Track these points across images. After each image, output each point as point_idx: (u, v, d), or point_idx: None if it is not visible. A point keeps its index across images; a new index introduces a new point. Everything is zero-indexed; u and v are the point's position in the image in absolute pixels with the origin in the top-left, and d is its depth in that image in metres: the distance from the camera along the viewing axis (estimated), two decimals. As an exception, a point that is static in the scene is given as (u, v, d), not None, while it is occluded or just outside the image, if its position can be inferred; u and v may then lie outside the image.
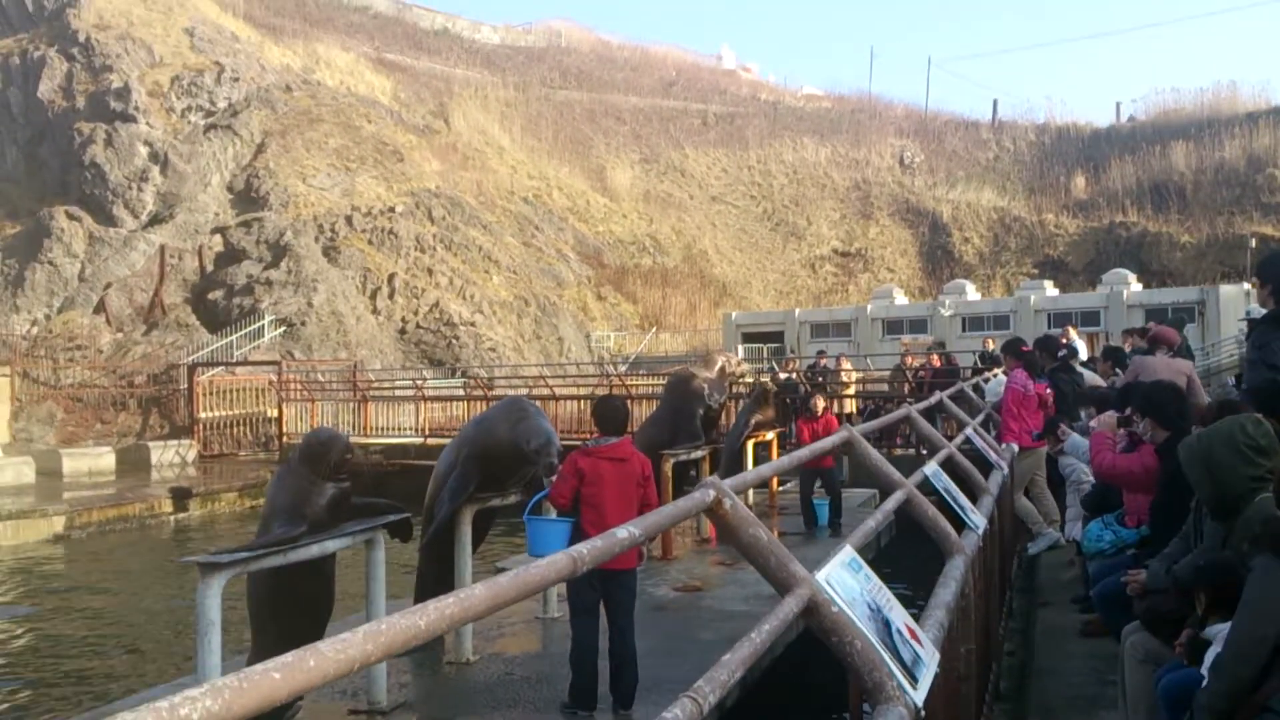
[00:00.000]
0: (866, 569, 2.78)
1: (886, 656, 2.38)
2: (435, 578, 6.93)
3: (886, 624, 2.58)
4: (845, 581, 2.56)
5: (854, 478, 14.93)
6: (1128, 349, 10.83)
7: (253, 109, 39.66)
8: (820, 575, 2.46)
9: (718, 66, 74.59)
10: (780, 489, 13.40)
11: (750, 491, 12.48)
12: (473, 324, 35.29)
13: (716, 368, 11.28)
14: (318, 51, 50.06)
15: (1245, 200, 45.16)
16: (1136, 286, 35.18)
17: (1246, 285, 31.99)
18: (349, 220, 36.89)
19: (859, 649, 2.33)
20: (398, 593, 7.30)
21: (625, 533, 1.95)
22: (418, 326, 34.74)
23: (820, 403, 11.45)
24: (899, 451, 15.51)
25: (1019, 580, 8.52)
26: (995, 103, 63.79)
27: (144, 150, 35.39)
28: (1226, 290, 32.38)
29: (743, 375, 12.11)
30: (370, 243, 36.56)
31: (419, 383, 24.57)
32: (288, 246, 33.90)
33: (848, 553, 2.76)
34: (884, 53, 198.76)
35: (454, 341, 34.22)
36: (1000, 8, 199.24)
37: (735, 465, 11.87)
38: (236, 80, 40.24)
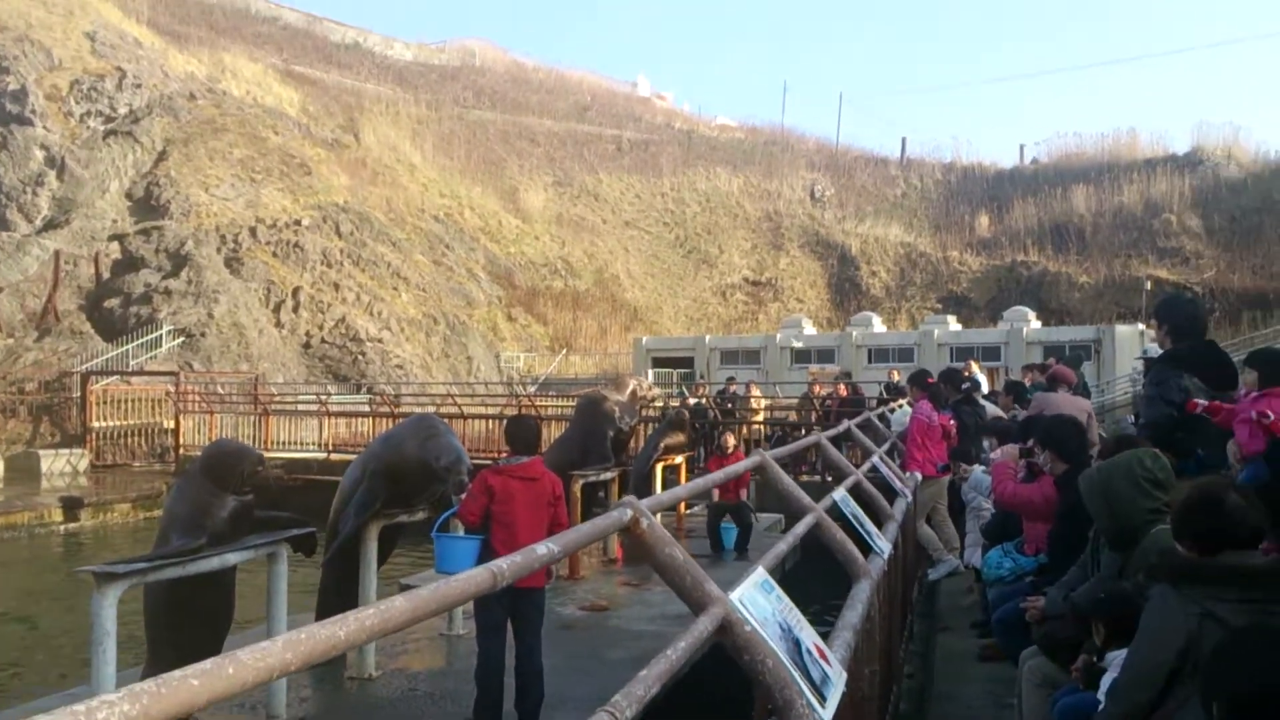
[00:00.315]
0: (778, 590, 2.80)
1: (797, 675, 2.40)
2: (338, 593, 6.77)
3: (797, 644, 2.60)
4: (758, 601, 2.57)
5: (759, 502, 15.08)
6: (1028, 384, 11.16)
7: (155, 116, 38.64)
8: (734, 595, 2.47)
9: (633, 93, 75.24)
10: (687, 511, 13.44)
11: (659, 515, 12.51)
12: (380, 340, 34.78)
13: (628, 391, 11.31)
14: (224, 60, 49.06)
15: (1142, 244, 47.10)
16: (1036, 324, 36.35)
17: (1141, 325, 33.30)
18: (253, 232, 36.11)
19: (770, 667, 2.34)
20: (296, 609, 7.10)
21: (544, 549, 1.93)
22: (323, 341, 34.10)
23: (731, 441, 11.58)
24: (805, 478, 15.68)
25: (920, 605, 8.68)
26: (904, 140, 65.39)
27: (40, 154, 34.19)
28: (1122, 330, 33.66)
29: (653, 399, 12.14)
30: (275, 255, 35.83)
31: (323, 398, 24.08)
32: (188, 256, 33.01)
33: (760, 574, 2.77)
34: (797, 86, 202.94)
35: (360, 358, 33.67)
36: (911, 48, 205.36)
37: (644, 488, 11.85)
38: (139, 87, 39.18)
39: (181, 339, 30.46)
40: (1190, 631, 2.79)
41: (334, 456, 20.19)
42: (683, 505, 13.10)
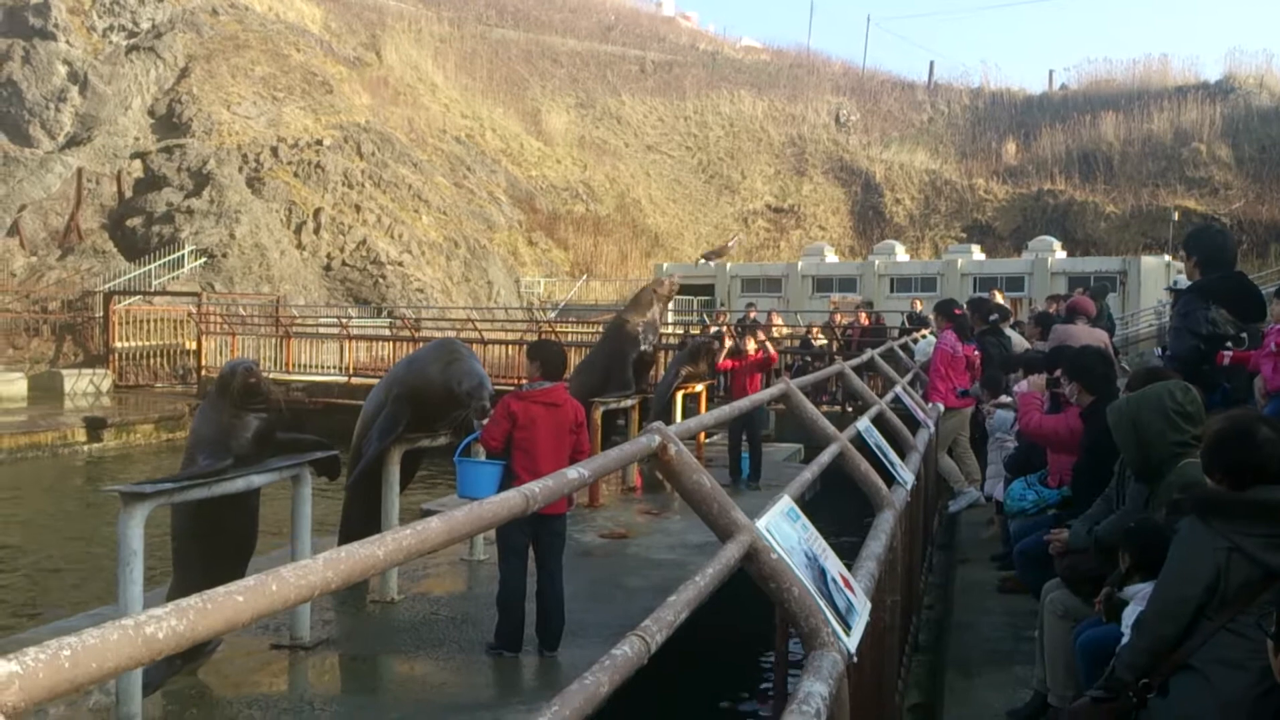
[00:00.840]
0: (804, 519, 2.80)
1: (822, 604, 2.40)
2: (361, 517, 6.85)
3: (822, 572, 2.60)
4: (784, 530, 2.56)
5: (779, 432, 15.11)
6: (1054, 313, 11.06)
7: (177, 31, 38.20)
8: (761, 523, 2.46)
9: (657, 13, 73.83)
10: (707, 440, 13.48)
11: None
12: (400, 264, 34.76)
13: (651, 311, 11.12)
14: (246, -26, 48.31)
15: (1170, 174, 46.28)
16: (1061, 254, 35.92)
17: (1168, 257, 32.83)
18: (274, 151, 35.91)
19: (796, 595, 2.34)
20: (317, 534, 7.19)
21: (575, 473, 1.92)
22: (344, 264, 34.10)
23: (752, 343, 11.42)
24: (825, 409, 15.69)
25: (940, 537, 8.71)
26: (931, 65, 64.21)
27: (63, 69, 33.91)
28: (1148, 261, 33.23)
29: (673, 289, 11.82)
30: (296, 175, 35.67)
31: (344, 321, 24.17)
32: (210, 175, 32.91)
33: (786, 502, 2.76)
34: (823, 8, 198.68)
35: (380, 281, 33.69)
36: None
37: (664, 415, 11.88)
38: (161, 1, 38.67)
39: (204, 259, 30.53)
40: (1218, 565, 2.78)
41: (354, 380, 20.29)
42: (702, 434, 13.14)
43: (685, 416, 12.71)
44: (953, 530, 8.92)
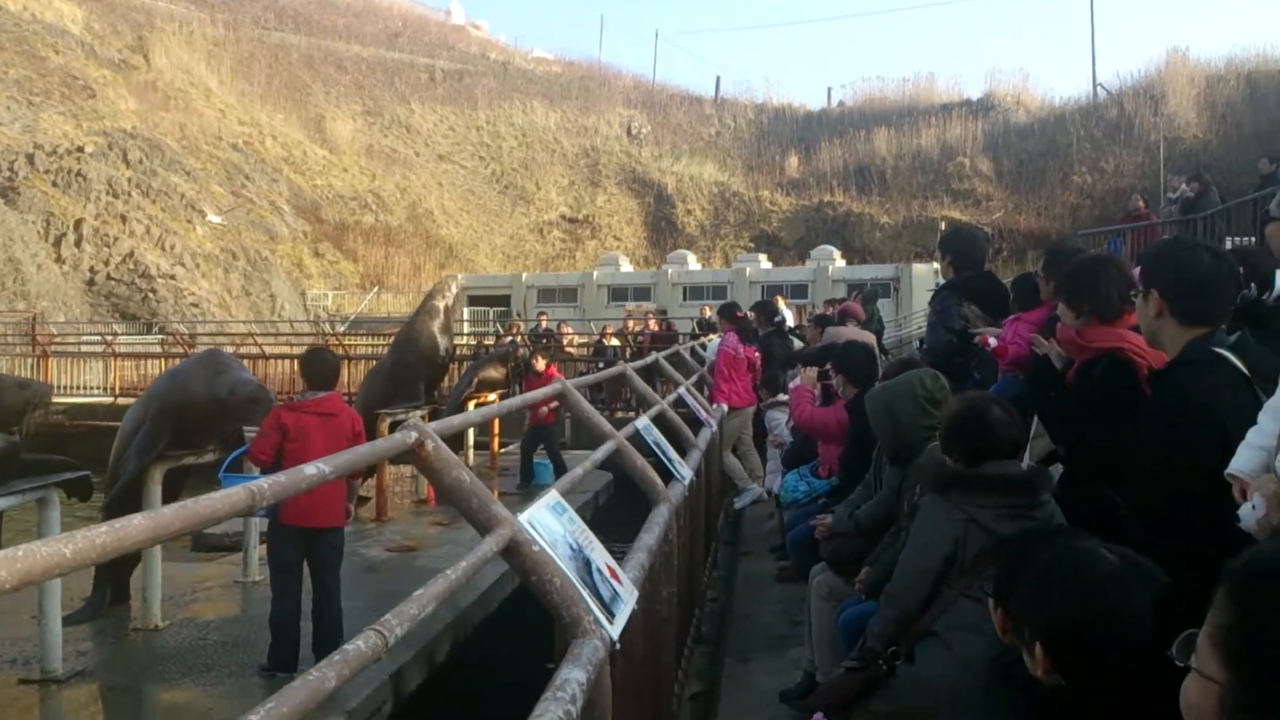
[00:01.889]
0: (571, 512, 2.80)
1: (585, 593, 2.41)
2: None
3: (587, 563, 2.61)
4: (548, 523, 2.56)
5: (575, 439, 15.17)
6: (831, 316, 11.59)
7: (-83, 29, 34.92)
8: (523, 516, 2.45)
9: (446, 20, 72.97)
10: (502, 450, 13.38)
11: (471, 453, 12.38)
12: (172, 277, 32.85)
13: (440, 311, 10.73)
14: (-4, -28, 44.64)
15: (938, 186, 49.42)
16: (841, 262, 37.76)
17: (936, 264, 35.08)
18: (30, 159, 33.32)
19: (558, 586, 2.34)
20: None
21: (314, 469, 1.84)
22: (109, 278, 31.93)
23: (540, 361, 11.45)
24: (620, 414, 15.88)
25: (725, 533, 8.95)
26: (718, 80, 66.23)
27: None
28: (919, 268, 35.34)
29: (460, 292, 11.39)
30: (55, 185, 33.19)
31: (109, 338, 22.60)
32: (-45, 184, 30.19)
33: (552, 496, 2.76)
34: (613, 21, 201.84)
35: (150, 295, 31.74)
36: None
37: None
38: (-104, -4, 35.29)
39: (-52, 275, 27.93)
40: (956, 537, 2.97)
41: (121, 400, 19.08)
42: (495, 443, 13.03)
43: (477, 428, 12.58)
44: (738, 526, 9.19)
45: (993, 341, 4.85)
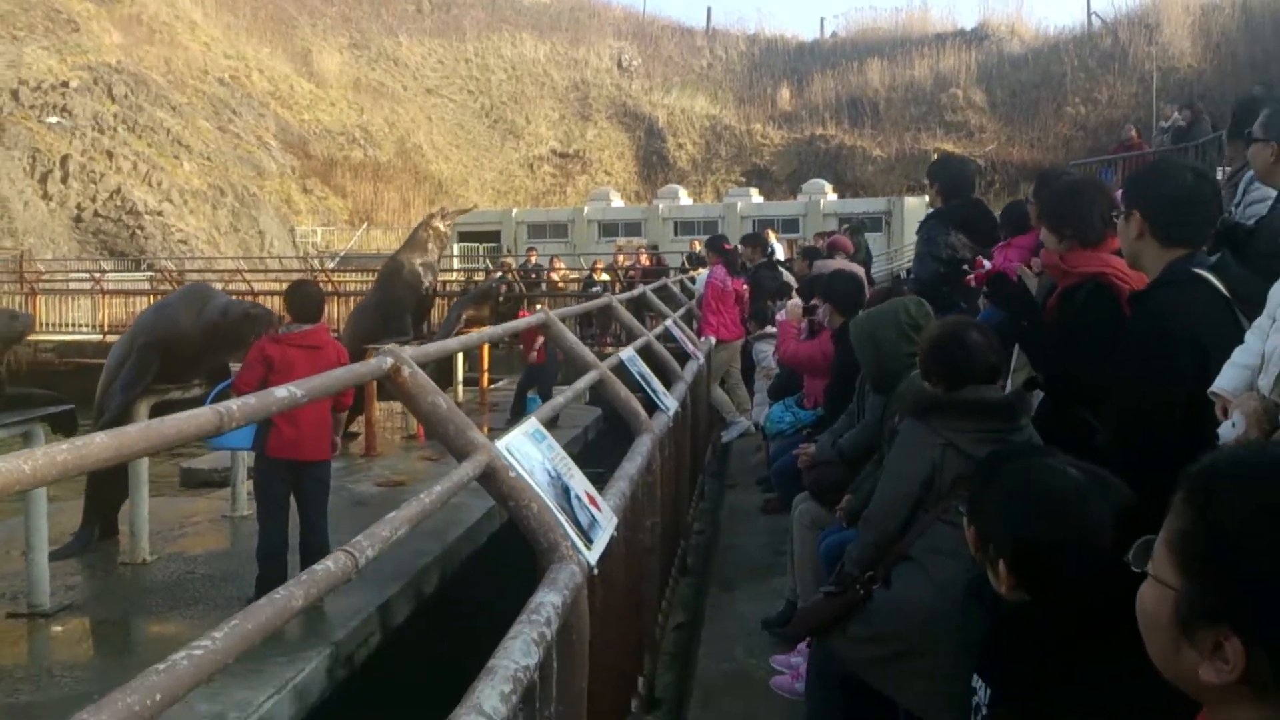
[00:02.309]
0: (550, 439, 2.80)
1: (563, 519, 2.42)
2: (108, 478, 6.41)
3: (566, 490, 2.62)
4: (526, 450, 2.56)
5: (567, 377, 15.18)
6: (820, 248, 11.55)
7: (-108, -39, 34.18)
8: (501, 443, 2.45)
9: (434, -49, 71.50)
10: (491, 386, 13.40)
11: (460, 390, 12.39)
12: (160, 213, 32.60)
13: (426, 244, 10.66)
14: (-28, -101, 43.53)
15: (930, 118, 48.98)
16: (832, 196, 37.52)
17: (927, 197, 34.90)
18: (15, 95, 32.87)
19: (535, 511, 2.35)
20: (59, 494, 6.70)
21: (284, 392, 1.84)
22: (96, 215, 31.68)
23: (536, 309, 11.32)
24: (611, 350, 15.85)
25: (712, 466, 9.00)
26: (709, 10, 65.16)
27: None
28: (911, 201, 35.12)
29: (449, 226, 11.25)
30: (40, 121, 32.72)
31: (97, 276, 22.47)
32: (-64, 119, 29.78)
33: (531, 423, 2.76)
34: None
35: (138, 232, 31.53)
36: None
37: (446, 363, 11.71)
38: None
39: (-69, 212, 27.68)
40: (934, 462, 2.98)
41: (109, 338, 18.98)
42: (484, 378, 13.04)
43: (466, 364, 12.59)
44: (725, 459, 9.24)
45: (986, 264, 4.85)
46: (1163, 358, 2.54)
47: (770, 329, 8.29)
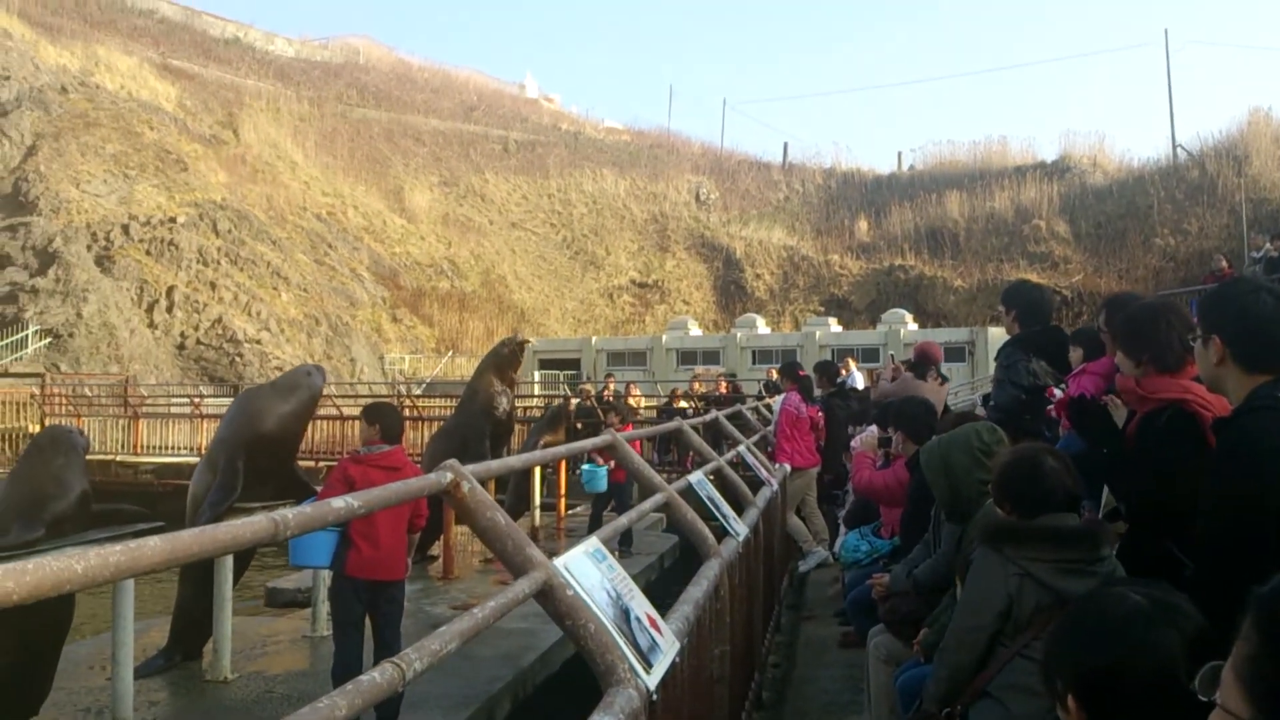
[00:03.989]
0: (611, 560, 2.78)
1: (621, 640, 2.37)
2: (193, 597, 6.52)
3: (626, 612, 2.58)
4: (585, 568, 2.54)
5: (642, 499, 15.09)
6: (888, 369, 11.38)
7: (24, 109, 36.97)
8: (559, 561, 2.44)
9: (520, 94, 74.77)
10: (569, 511, 13.37)
11: (538, 514, 12.39)
12: (258, 341, 33.81)
13: (498, 369, 10.69)
14: (98, 54, 47.10)
15: (1013, 248, 48.79)
16: (913, 326, 37.38)
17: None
18: (125, 229, 34.77)
19: (592, 631, 2.31)
20: (145, 612, 6.81)
21: (341, 503, 1.86)
22: (198, 342, 32.98)
23: (615, 420, 11.32)
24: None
25: (789, 597, 8.79)
26: (786, 145, 66.69)
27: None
28: (994, 332, 34.73)
29: (524, 346, 11.27)
30: (149, 253, 34.53)
31: (196, 400, 23.26)
32: (57, 254, 31.60)
33: (592, 542, 2.75)
34: (682, 92, 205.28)
35: (237, 359, 32.68)
36: (790, 55, 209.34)
37: (523, 484, 11.78)
38: (8, 79, 37.45)
39: (48, 340, 29.15)
40: (1010, 593, 2.87)
41: (206, 460, 19.52)
42: (562, 504, 13.03)
43: (545, 487, 12.62)
44: (802, 590, 9.02)
45: (1058, 393, 4.73)
46: (1254, 479, 2.44)
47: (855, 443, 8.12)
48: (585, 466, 10.80)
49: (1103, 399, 4.00)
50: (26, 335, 28.71)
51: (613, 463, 10.50)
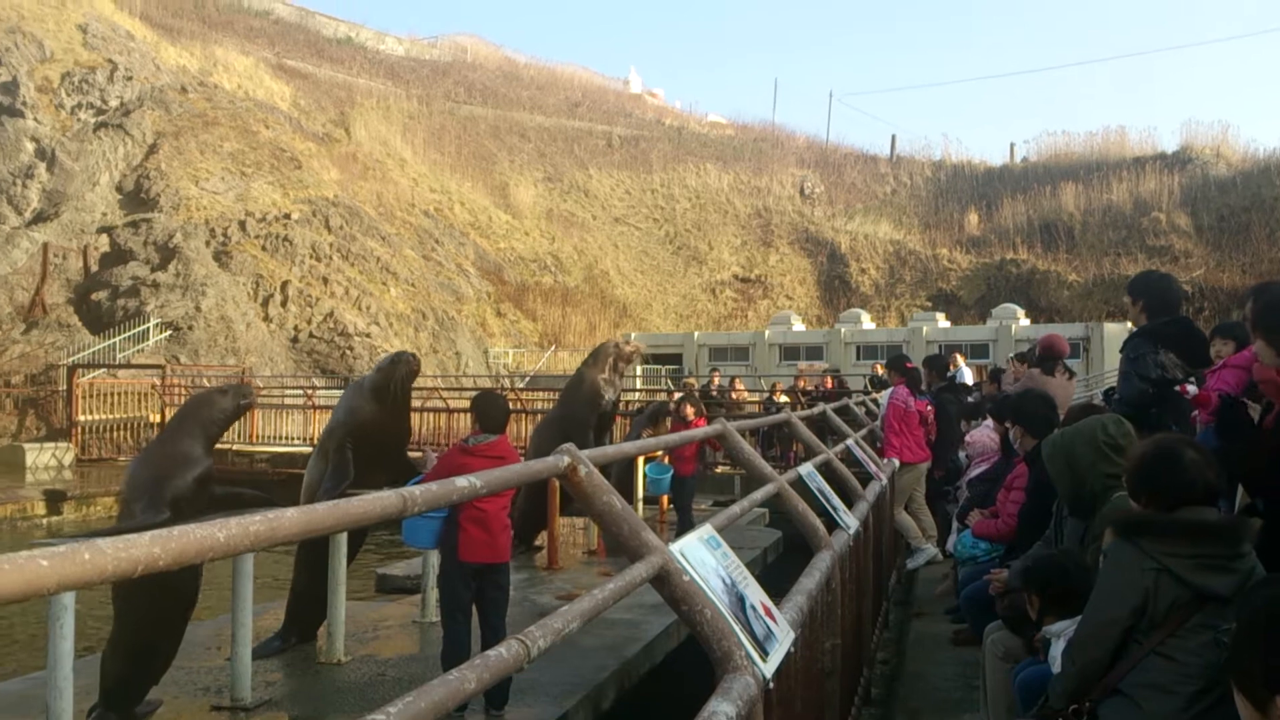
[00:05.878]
0: (725, 547, 2.75)
1: (737, 627, 2.34)
2: (308, 586, 6.71)
3: (741, 599, 2.55)
4: (700, 555, 2.52)
5: (747, 491, 15.02)
6: (1010, 371, 11.08)
7: (146, 109, 38.47)
8: (675, 546, 2.42)
9: (624, 90, 74.98)
10: (670, 506, 13.35)
11: (641, 507, 12.40)
12: (368, 335, 34.65)
13: (608, 363, 10.77)
14: (215, 54, 48.82)
15: (1130, 242, 47.07)
16: (1025, 321, 36.35)
17: (1130, 324, 33.28)
18: (242, 225, 35.96)
19: (709, 618, 2.29)
20: (263, 597, 7.04)
21: (465, 482, 1.87)
22: (311, 335, 33.96)
23: (690, 410, 11.16)
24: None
25: (897, 593, 8.63)
26: (894, 138, 65.45)
27: (30, 146, 34.02)
28: (1111, 328, 33.65)
29: (634, 356, 11.32)
30: (264, 249, 35.69)
31: (309, 391, 24.00)
32: (177, 249, 32.87)
33: (707, 530, 2.73)
34: (787, 84, 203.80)
35: (348, 352, 33.54)
36: (899, 46, 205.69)
37: (626, 477, 11.80)
38: (130, 79, 39.00)
39: (169, 332, 30.34)
40: (1146, 588, 2.75)
41: (320, 450, 20.12)
42: (665, 500, 13.02)
43: (647, 480, 12.62)
44: (911, 586, 8.85)
45: (1192, 389, 4.52)
46: None
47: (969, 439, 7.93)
48: (648, 467, 10.63)
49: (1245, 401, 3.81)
50: (148, 328, 29.93)
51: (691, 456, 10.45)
